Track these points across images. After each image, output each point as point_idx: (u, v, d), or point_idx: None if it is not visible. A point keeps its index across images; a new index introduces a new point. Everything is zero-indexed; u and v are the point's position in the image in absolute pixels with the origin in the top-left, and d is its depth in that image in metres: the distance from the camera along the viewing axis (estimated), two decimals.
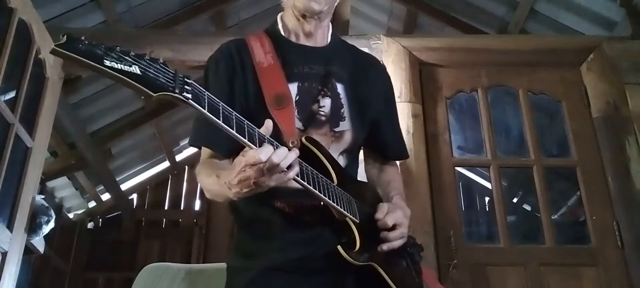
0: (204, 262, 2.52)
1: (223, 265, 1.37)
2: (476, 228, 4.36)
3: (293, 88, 1.28)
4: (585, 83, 3.01)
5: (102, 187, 5.89)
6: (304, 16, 1.33)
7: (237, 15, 4.44)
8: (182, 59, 3.09)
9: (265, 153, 0.96)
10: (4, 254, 2.39)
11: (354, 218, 1.19)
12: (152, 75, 0.84)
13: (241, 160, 1.01)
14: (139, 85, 0.83)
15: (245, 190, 1.04)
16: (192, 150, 6.66)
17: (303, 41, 1.37)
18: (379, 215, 1.22)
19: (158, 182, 6.73)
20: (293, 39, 1.37)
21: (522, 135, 3.01)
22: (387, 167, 1.49)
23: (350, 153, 1.34)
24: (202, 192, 6.62)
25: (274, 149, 0.98)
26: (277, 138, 1.09)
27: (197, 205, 6.74)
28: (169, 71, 0.88)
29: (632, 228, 2.64)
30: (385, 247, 1.21)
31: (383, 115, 1.44)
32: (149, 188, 6.74)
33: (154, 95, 0.84)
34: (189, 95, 0.88)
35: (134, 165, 6.12)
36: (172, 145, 6.07)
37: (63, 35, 0.79)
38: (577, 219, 3.46)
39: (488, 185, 4.67)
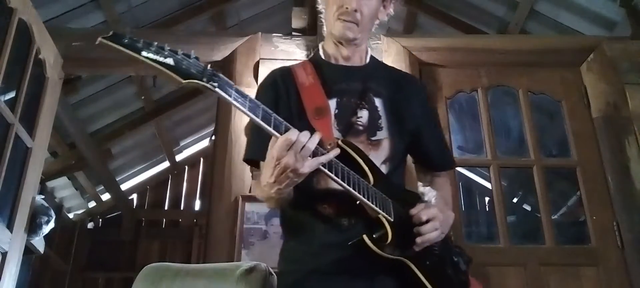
0: (204, 262, 2.52)
1: (223, 265, 1.38)
2: (476, 228, 4.36)
3: (332, 103, 1.39)
4: (585, 83, 3.01)
5: (102, 187, 5.90)
6: (340, 42, 1.46)
7: (237, 15, 4.44)
8: None
9: (292, 133, 1.08)
10: (4, 254, 2.39)
11: (386, 216, 1.23)
12: (184, 66, 0.99)
13: (271, 156, 1.11)
14: (171, 73, 0.98)
15: (284, 183, 1.13)
16: (191, 150, 6.69)
17: (342, 63, 1.49)
18: (414, 210, 1.27)
19: (158, 182, 6.74)
20: (333, 61, 1.49)
21: (522, 135, 3.01)
22: (437, 179, 1.55)
23: (392, 162, 1.40)
24: (202, 192, 6.64)
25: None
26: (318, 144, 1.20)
27: (197, 205, 6.75)
28: (200, 64, 1.02)
29: (632, 228, 2.64)
30: (418, 240, 1.24)
31: (423, 127, 1.50)
32: (149, 188, 6.75)
33: (184, 81, 0.99)
34: (216, 85, 1.01)
35: (134, 165, 6.12)
36: (172, 145, 6.07)
37: (111, 31, 0.97)
38: (577, 219, 3.46)
39: (488, 185, 4.67)
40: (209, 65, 1.03)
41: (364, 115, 1.39)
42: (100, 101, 4.51)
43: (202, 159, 6.87)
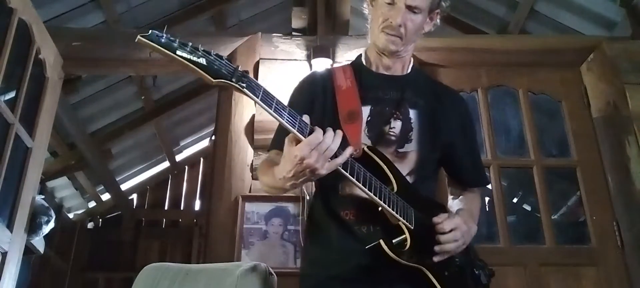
0: (204, 262, 2.52)
1: (223, 265, 1.38)
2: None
3: (366, 110, 1.40)
4: (585, 83, 3.01)
5: (102, 187, 5.90)
6: (383, 53, 1.47)
7: (237, 15, 4.44)
8: None
9: (317, 133, 1.11)
10: (4, 254, 2.39)
11: (406, 223, 1.24)
12: (216, 66, 1.04)
13: (293, 154, 1.13)
14: (202, 72, 1.02)
15: (300, 180, 1.17)
16: (191, 150, 6.69)
17: (382, 71, 1.50)
18: (437, 219, 1.28)
19: (158, 182, 6.74)
20: (373, 68, 1.51)
21: (522, 135, 3.01)
22: (467, 194, 1.54)
23: (418, 174, 1.40)
24: (202, 192, 6.63)
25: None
26: (343, 146, 1.22)
27: (197, 205, 6.74)
28: (231, 66, 1.06)
29: (632, 228, 2.64)
30: (437, 248, 1.25)
31: (458, 142, 1.50)
32: (149, 188, 6.75)
33: (214, 81, 1.03)
34: (244, 85, 1.05)
35: (134, 165, 6.12)
36: (172, 145, 6.07)
37: (149, 31, 1.00)
38: (577, 219, 3.46)
39: (488, 185, 4.66)
40: (239, 67, 1.07)
41: (397, 125, 1.40)
42: (100, 101, 4.50)
43: (202, 159, 6.86)
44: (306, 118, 1.14)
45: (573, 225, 3.69)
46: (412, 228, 1.24)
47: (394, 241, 1.22)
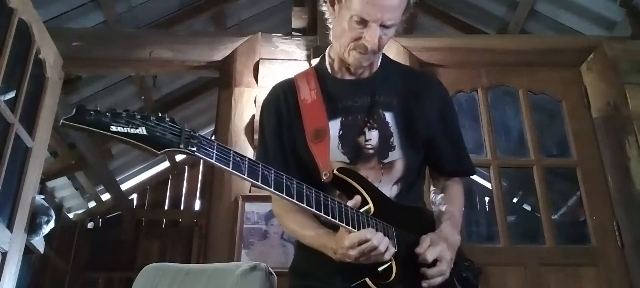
0: (204, 262, 2.52)
1: (223, 265, 1.38)
2: (476, 228, 4.35)
3: (336, 123, 1.30)
4: (585, 83, 3.01)
5: (102, 187, 5.89)
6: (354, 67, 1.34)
7: (237, 15, 4.44)
8: (182, 58, 3.10)
9: (369, 236, 1.11)
10: (4, 254, 2.39)
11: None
12: (158, 134, 0.92)
13: (345, 249, 1.13)
14: (144, 145, 0.91)
15: (341, 258, 1.16)
16: None
17: (348, 77, 1.37)
18: (420, 249, 1.21)
19: (158, 182, 6.73)
20: (338, 75, 1.38)
21: (522, 135, 3.01)
22: (450, 184, 1.45)
23: (406, 180, 1.33)
24: (202, 192, 6.63)
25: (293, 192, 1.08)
26: (314, 171, 1.22)
27: (197, 205, 6.74)
28: (175, 127, 0.95)
29: (632, 228, 2.64)
30: (425, 284, 1.20)
31: (438, 132, 1.40)
32: (149, 188, 6.74)
33: (159, 153, 0.93)
34: (194, 148, 0.95)
35: (134, 165, 6.11)
36: None
37: (74, 109, 0.88)
38: (577, 219, 3.46)
39: (488, 185, 4.66)
40: (186, 127, 0.97)
41: (373, 136, 1.30)
42: (100, 101, 4.49)
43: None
44: (353, 205, 1.16)
45: (573, 225, 3.70)
46: (395, 250, 1.18)
47: (379, 269, 1.17)
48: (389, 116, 1.33)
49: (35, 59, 2.68)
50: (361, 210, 1.18)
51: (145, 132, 0.91)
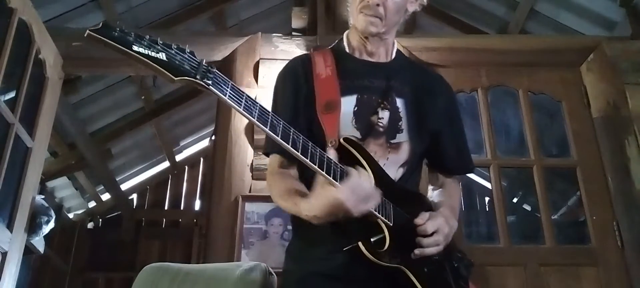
0: (204, 262, 2.52)
1: (223, 265, 1.38)
2: (476, 228, 4.35)
3: (352, 99, 1.35)
4: (585, 83, 3.01)
5: (102, 187, 5.90)
6: (365, 37, 1.41)
7: (237, 15, 4.44)
8: None
9: (366, 180, 1.12)
10: (4, 254, 2.39)
11: (385, 220, 1.20)
12: (177, 61, 0.95)
13: (332, 195, 1.11)
14: (162, 69, 0.93)
15: (332, 218, 1.15)
16: (191, 150, 6.68)
17: (366, 57, 1.43)
18: (419, 220, 1.24)
19: (158, 182, 6.73)
20: (356, 55, 1.44)
21: (522, 135, 3.01)
22: (448, 182, 1.49)
23: (410, 165, 1.37)
24: (202, 192, 6.64)
25: (299, 147, 1.08)
26: (321, 138, 1.23)
27: (197, 205, 6.74)
28: (194, 60, 0.97)
29: (632, 228, 2.64)
30: (417, 251, 1.22)
31: (444, 129, 1.45)
32: (149, 188, 6.74)
33: (175, 79, 0.94)
34: (210, 82, 0.97)
35: (134, 165, 6.12)
36: (172, 145, 6.07)
37: (100, 23, 0.90)
38: (577, 219, 3.46)
39: (488, 185, 4.66)
40: (204, 61, 0.99)
41: (385, 116, 1.35)
42: (100, 101, 4.50)
43: (202, 159, 6.86)
44: (332, 154, 1.14)
45: (573, 225, 3.69)
46: (391, 225, 1.21)
47: (372, 240, 1.18)
48: (399, 102, 1.38)
49: (35, 59, 2.68)
50: None
51: (165, 58, 0.94)
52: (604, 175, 2.79)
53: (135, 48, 0.91)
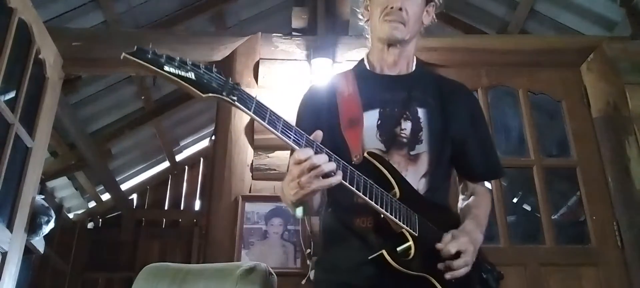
0: (204, 262, 2.53)
1: (223, 265, 1.38)
2: None
3: (374, 113, 1.38)
4: (585, 83, 3.01)
5: (102, 187, 5.89)
6: (388, 45, 1.44)
7: (237, 15, 4.44)
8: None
9: (304, 152, 1.08)
10: (4, 254, 2.39)
11: (410, 230, 1.22)
12: (205, 80, 1.01)
13: (290, 172, 1.13)
14: (192, 88, 1.00)
15: (293, 191, 1.14)
16: (191, 150, 6.68)
17: (387, 72, 1.47)
18: (441, 244, 1.23)
19: (158, 182, 6.72)
20: (377, 71, 1.48)
21: (522, 135, 3.01)
22: (477, 191, 1.49)
23: (433, 176, 1.37)
24: (202, 192, 6.63)
25: (316, 153, 1.09)
26: (346, 154, 1.27)
27: (197, 205, 6.74)
28: (221, 78, 1.04)
29: (632, 228, 2.64)
30: (448, 275, 1.22)
31: (469, 135, 1.46)
32: (149, 188, 6.74)
33: (204, 96, 1.01)
34: (235, 98, 1.03)
35: (134, 165, 6.11)
36: (172, 145, 6.07)
37: (135, 46, 0.99)
38: (577, 219, 3.46)
39: (488, 185, 4.67)
40: (231, 79, 1.05)
41: (407, 126, 1.37)
42: (100, 101, 4.50)
43: (202, 159, 6.85)
44: (319, 134, 1.13)
45: (573, 225, 3.70)
46: (416, 235, 1.22)
47: (397, 249, 1.20)
48: (421, 112, 1.40)
49: (35, 59, 2.68)
50: (388, 194, 1.22)
51: (193, 77, 1.00)
52: (604, 175, 2.79)
53: (166, 68, 0.98)
